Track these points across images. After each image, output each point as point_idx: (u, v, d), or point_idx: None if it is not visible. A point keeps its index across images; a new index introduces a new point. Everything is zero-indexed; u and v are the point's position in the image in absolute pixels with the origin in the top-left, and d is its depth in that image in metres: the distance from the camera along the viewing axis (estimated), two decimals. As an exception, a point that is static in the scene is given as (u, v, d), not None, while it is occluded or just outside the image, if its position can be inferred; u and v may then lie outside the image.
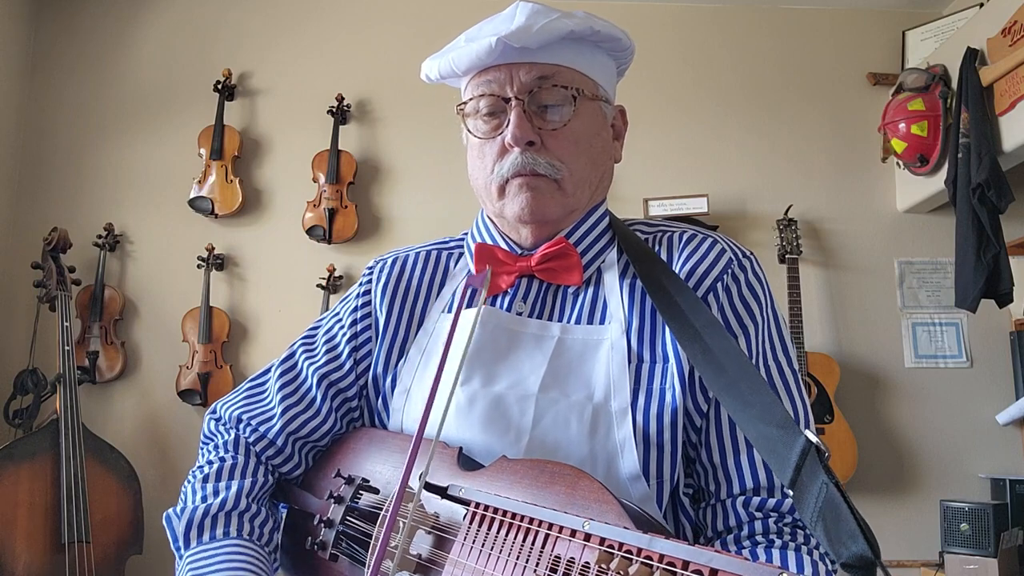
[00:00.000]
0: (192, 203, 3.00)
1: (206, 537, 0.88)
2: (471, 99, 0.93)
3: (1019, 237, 2.86)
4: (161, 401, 2.92)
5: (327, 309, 2.92)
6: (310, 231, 3.01)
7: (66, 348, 2.57)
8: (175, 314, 2.97)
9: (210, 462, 0.96)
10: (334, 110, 3.09)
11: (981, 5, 2.88)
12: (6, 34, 2.99)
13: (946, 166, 2.71)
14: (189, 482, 0.96)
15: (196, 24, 3.21)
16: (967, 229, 2.56)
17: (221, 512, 0.90)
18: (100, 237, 2.94)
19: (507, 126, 0.90)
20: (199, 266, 2.96)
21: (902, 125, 2.85)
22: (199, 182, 3.02)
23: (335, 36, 3.23)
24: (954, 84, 2.69)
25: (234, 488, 0.92)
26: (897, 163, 3.07)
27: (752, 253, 0.95)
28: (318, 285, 2.96)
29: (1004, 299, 2.55)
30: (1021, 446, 2.97)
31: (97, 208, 3.04)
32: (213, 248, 2.98)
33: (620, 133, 1.02)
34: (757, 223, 3.11)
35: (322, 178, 3.04)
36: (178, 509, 0.92)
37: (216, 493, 0.92)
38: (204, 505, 0.90)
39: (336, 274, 2.99)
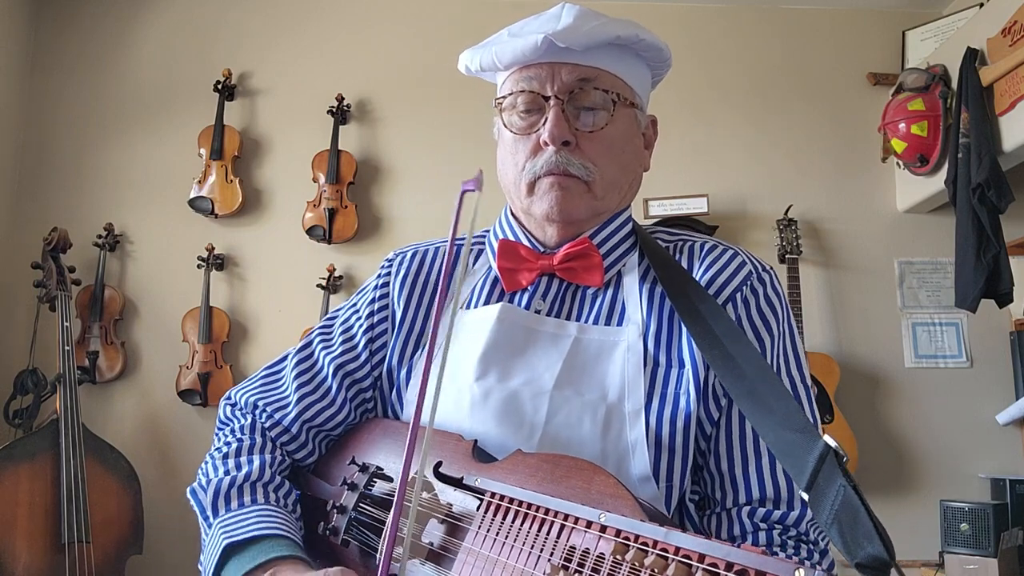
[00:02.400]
0: (192, 203, 3.00)
1: (234, 504, 0.89)
2: (510, 94, 0.93)
3: (1019, 237, 2.86)
4: (161, 401, 2.92)
5: (327, 309, 2.94)
6: (310, 231, 3.01)
7: (66, 348, 2.57)
8: (175, 314, 2.97)
9: (228, 443, 0.97)
10: (334, 110, 3.09)
11: (981, 5, 2.89)
12: (6, 34, 2.99)
13: (946, 166, 2.71)
14: (208, 461, 0.96)
15: (196, 24, 3.21)
16: (967, 229, 2.56)
17: (247, 483, 0.91)
18: (100, 237, 2.94)
19: (544, 124, 0.90)
20: (199, 266, 2.96)
21: (902, 125, 2.85)
22: (199, 182, 3.02)
23: (335, 36, 3.23)
24: (954, 84, 2.70)
25: (256, 462, 0.93)
26: (897, 163, 3.07)
27: (771, 268, 0.96)
28: (318, 285, 2.96)
29: (1004, 299, 2.55)
30: (1021, 446, 2.97)
31: (97, 208, 3.04)
32: (213, 248, 2.98)
33: (650, 142, 1.02)
34: (757, 223, 3.11)
35: (322, 178, 3.04)
36: (203, 482, 0.92)
37: (239, 467, 0.93)
38: (229, 477, 0.91)
39: (336, 274, 2.99)
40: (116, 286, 2.98)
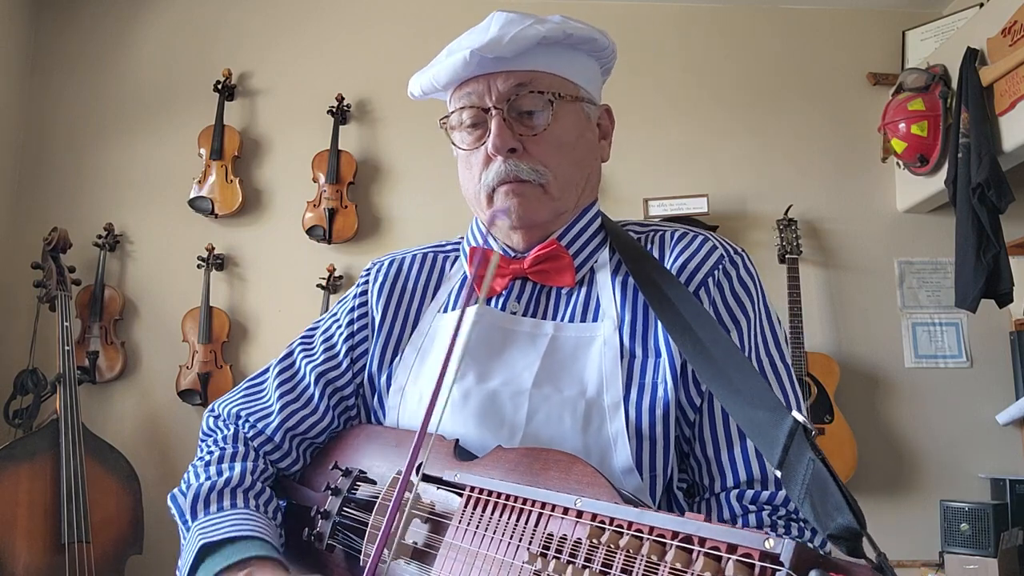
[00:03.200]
0: (192, 203, 3.00)
1: (213, 508, 0.89)
2: (453, 112, 0.95)
3: (1019, 237, 2.86)
4: (161, 401, 2.92)
5: (327, 309, 2.93)
6: (310, 231, 3.01)
7: (66, 348, 2.57)
8: (175, 314, 2.97)
9: (211, 451, 0.98)
10: (334, 110, 3.09)
11: (981, 5, 2.89)
12: (6, 34, 2.99)
13: (946, 166, 2.71)
14: (190, 469, 0.96)
15: (196, 24, 3.21)
16: (967, 229, 2.56)
17: (227, 488, 0.91)
18: (100, 237, 2.94)
19: (489, 136, 0.91)
20: (199, 266, 2.96)
21: (902, 125, 2.85)
22: (199, 182, 3.02)
23: (335, 36, 3.23)
24: (954, 84, 2.70)
25: (238, 468, 0.93)
26: (897, 163, 3.07)
27: (743, 250, 0.96)
28: (318, 285, 2.96)
29: (1004, 299, 2.55)
30: (1021, 446, 2.97)
31: (97, 208, 3.04)
32: (213, 248, 2.98)
33: (607, 132, 1.02)
34: (757, 223, 3.11)
35: (322, 178, 3.04)
36: (183, 488, 0.92)
37: (220, 473, 0.93)
38: (209, 482, 0.91)
39: (336, 274, 2.99)
40: (116, 286, 2.99)
